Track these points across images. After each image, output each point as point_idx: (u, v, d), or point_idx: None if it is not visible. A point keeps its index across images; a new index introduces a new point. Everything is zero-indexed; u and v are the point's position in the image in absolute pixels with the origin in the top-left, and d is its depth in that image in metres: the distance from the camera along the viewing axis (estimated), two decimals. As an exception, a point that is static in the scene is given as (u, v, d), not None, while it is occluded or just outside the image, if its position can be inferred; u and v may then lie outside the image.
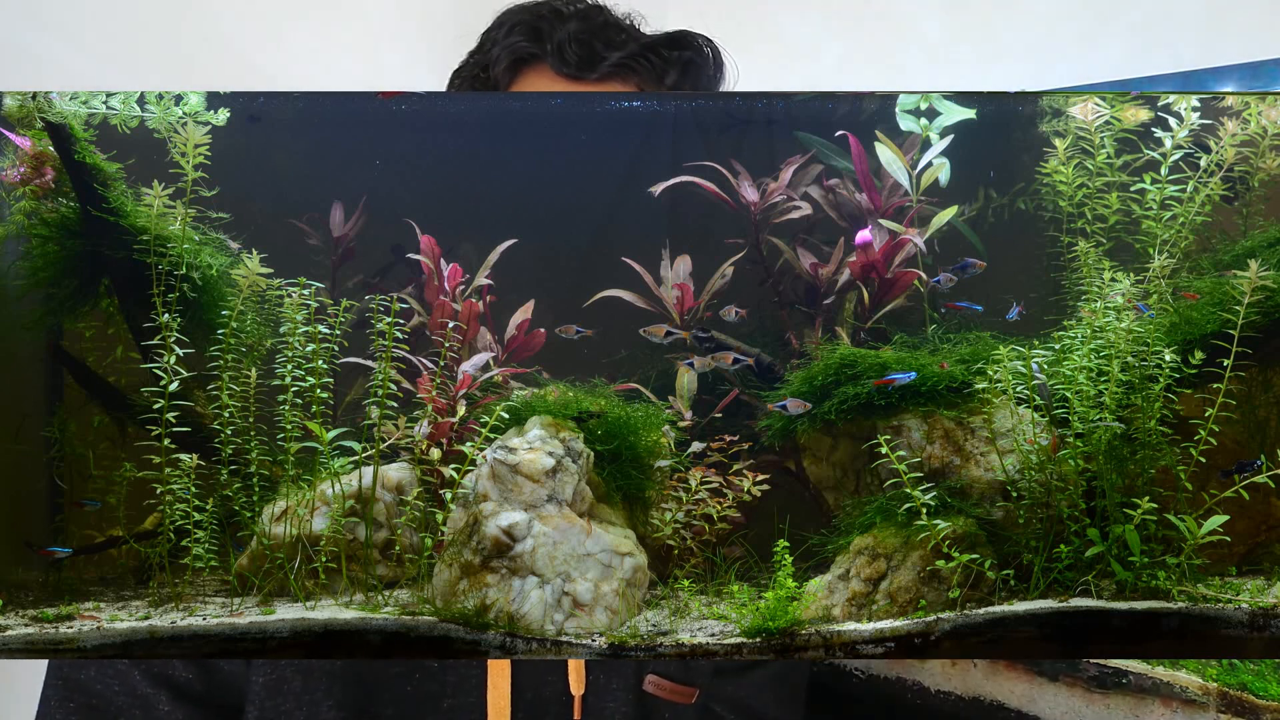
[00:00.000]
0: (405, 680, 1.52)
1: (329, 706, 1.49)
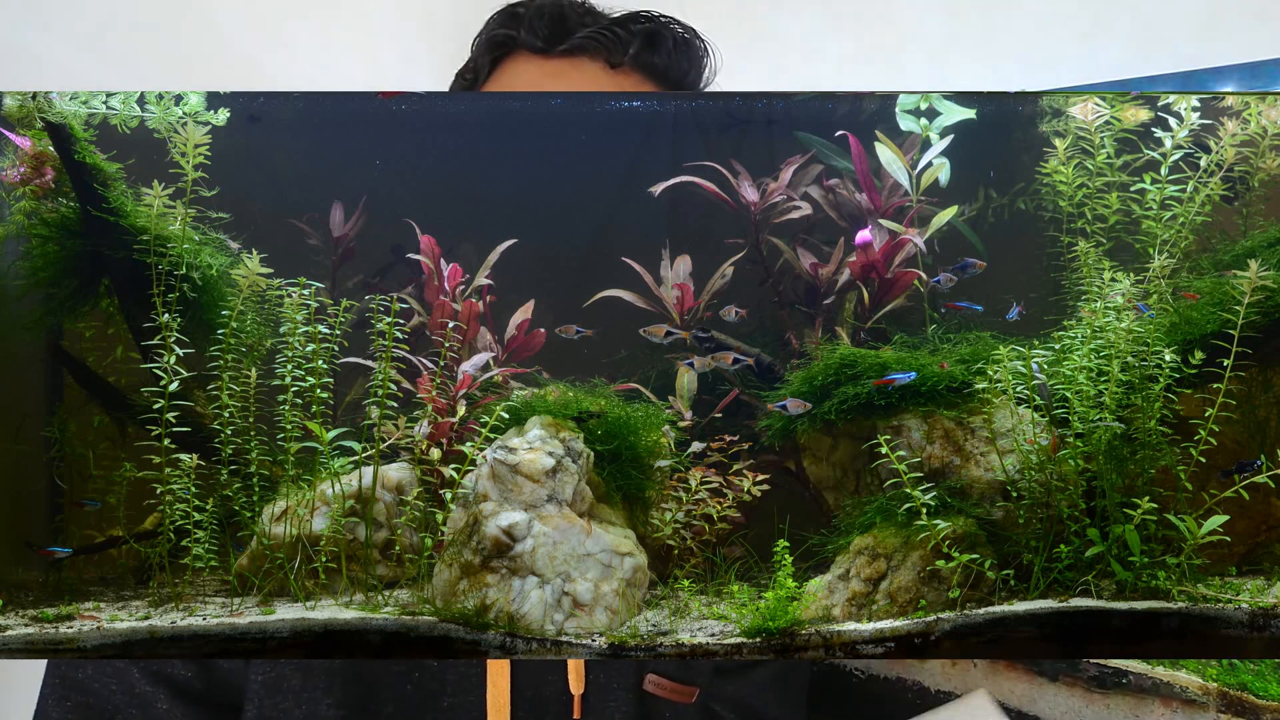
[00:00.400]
0: (405, 679, 1.52)
1: (328, 705, 1.49)
